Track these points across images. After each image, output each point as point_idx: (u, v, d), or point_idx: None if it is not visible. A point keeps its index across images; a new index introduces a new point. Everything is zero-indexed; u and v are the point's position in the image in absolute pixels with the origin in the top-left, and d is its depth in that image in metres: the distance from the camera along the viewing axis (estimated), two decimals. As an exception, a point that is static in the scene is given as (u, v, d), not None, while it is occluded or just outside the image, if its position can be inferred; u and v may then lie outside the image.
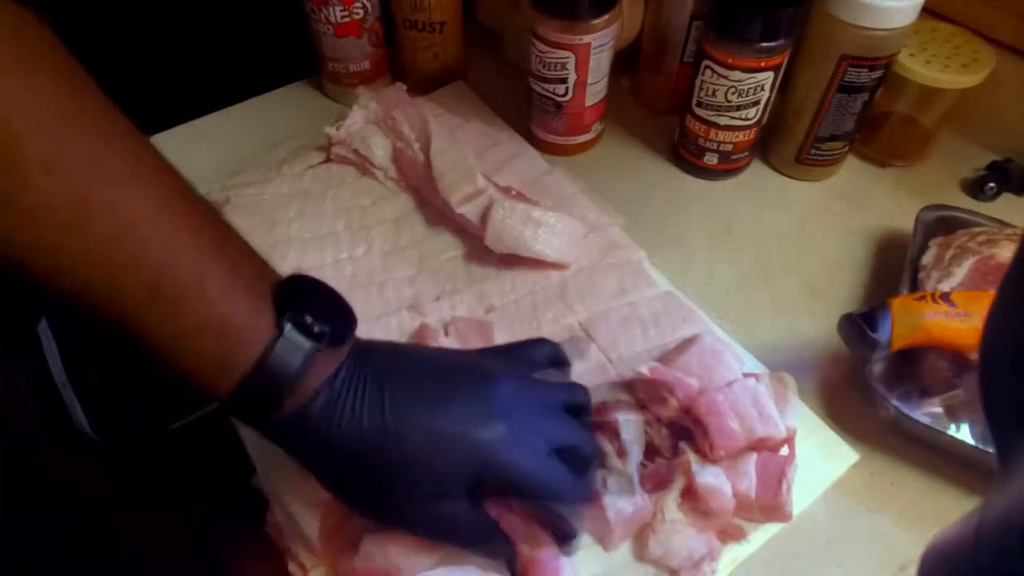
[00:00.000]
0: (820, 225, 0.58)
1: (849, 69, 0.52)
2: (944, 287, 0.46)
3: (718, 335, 0.48)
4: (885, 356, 0.43)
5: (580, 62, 0.56)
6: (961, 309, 0.40)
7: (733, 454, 0.39)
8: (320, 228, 0.54)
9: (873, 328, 0.40)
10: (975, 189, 0.59)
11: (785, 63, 0.54)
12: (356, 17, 0.62)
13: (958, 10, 0.58)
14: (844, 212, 0.59)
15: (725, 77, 0.53)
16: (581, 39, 0.54)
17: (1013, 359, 0.20)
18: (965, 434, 0.43)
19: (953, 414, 0.44)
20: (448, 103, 0.65)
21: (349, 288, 0.50)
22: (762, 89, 0.54)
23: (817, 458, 0.43)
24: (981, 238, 0.48)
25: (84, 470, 0.59)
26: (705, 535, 0.39)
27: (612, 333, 0.48)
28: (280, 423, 0.31)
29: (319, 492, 0.37)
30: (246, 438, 0.44)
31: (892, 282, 0.50)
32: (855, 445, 0.44)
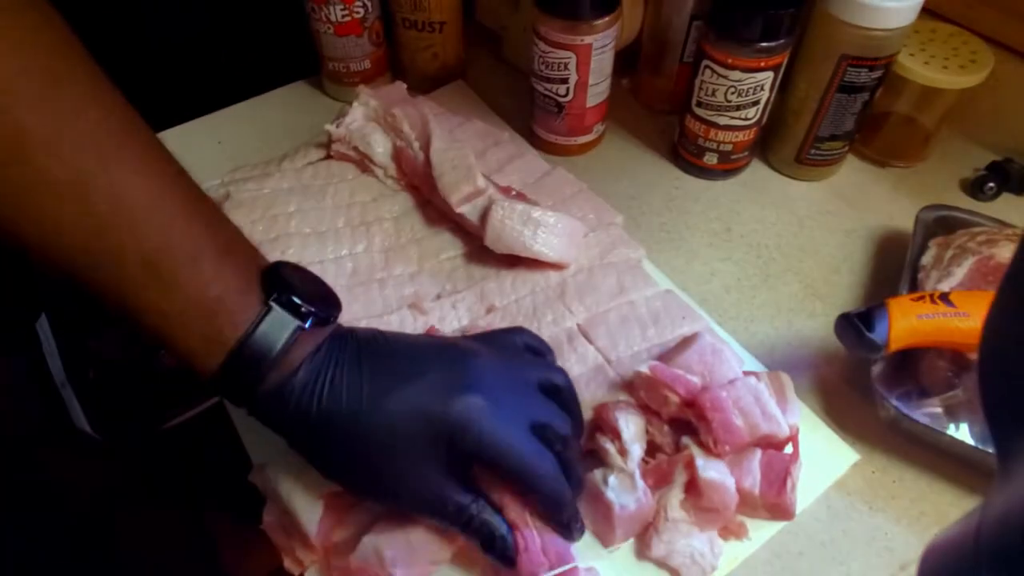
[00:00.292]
0: (820, 225, 0.58)
1: (849, 69, 0.52)
2: (944, 287, 0.46)
3: (718, 334, 0.48)
4: (884, 356, 0.43)
5: (581, 63, 0.56)
6: (960, 309, 0.40)
7: (737, 450, 0.39)
8: (320, 224, 0.54)
9: (870, 328, 0.40)
10: (975, 189, 0.59)
11: (785, 63, 0.54)
12: (356, 16, 0.62)
13: (958, 10, 0.58)
14: (844, 212, 0.59)
15: (725, 77, 0.53)
16: (583, 40, 0.54)
17: (1013, 359, 0.20)
18: (965, 434, 0.43)
19: (953, 414, 0.44)
20: (448, 102, 0.65)
21: (349, 285, 0.50)
22: (762, 89, 0.54)
23: (818, 458, 0.43)
24: (981, 238, 0.48)
25: (84, 470, 0.59)
26: (707, 533, 0.39)
27: (612, 332, 0.48)
28: (263, 398, 0.32)
29: (317, 488, 0.37)
30: (244, 436, 0.44)
31: (892, 282, 0.51)
32: (855, 445, 0.44)
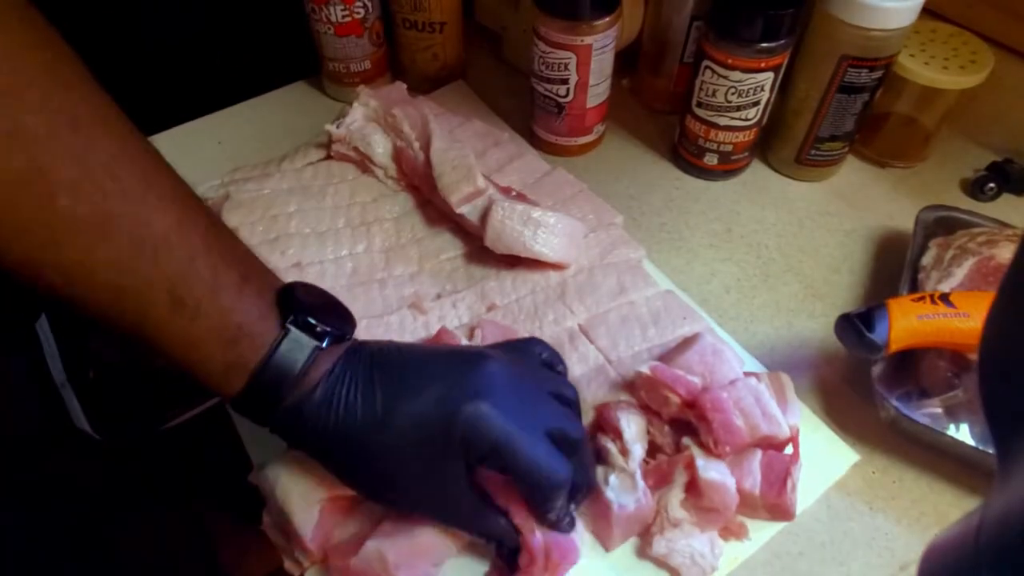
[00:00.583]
0: (820, 225, 0.58)
1: (849, 69, 0.52)
2: (944, 288, 0.46)
3: (718, 334, 0.48)
4: (884, 357, 0.43)
5: (581, 63, 0.56)
6: (961, 310, 0.40)
7: (737, 451, 0.39)
8: (320, 224, 0.54)
9: (870, 329, 0.40)
10: (975, 189, 0.59)
11: (785, 63, 0.54)
12: (357, 16, 0.62)
13: (958, 11, 0.59)
14: (844, 212, 0.59)
15: (725, 77, 0.53)
16: (583, 40, 0.54)
17: (1013, 360, 0.20)
18: (965, 434, 0.43)
19: (953, 414, 0.44)
20: (448, 103, 0.65)
21: (350, 285, 0.50)
22: (762, 89, 0.54)
23: (818, 458, 0.43)
24: (981, 239, 0.48)
25: (84, 470, 0.59)
26: (708, 534, 0.39)
27: (612, 333, 0.48)
28: (283, 417, 0.33)
29: (314, 493, 0.37)
30: (244, 436, 0.44)
31: (892, 282, 0.51)
32: (855, 445, 0.44)
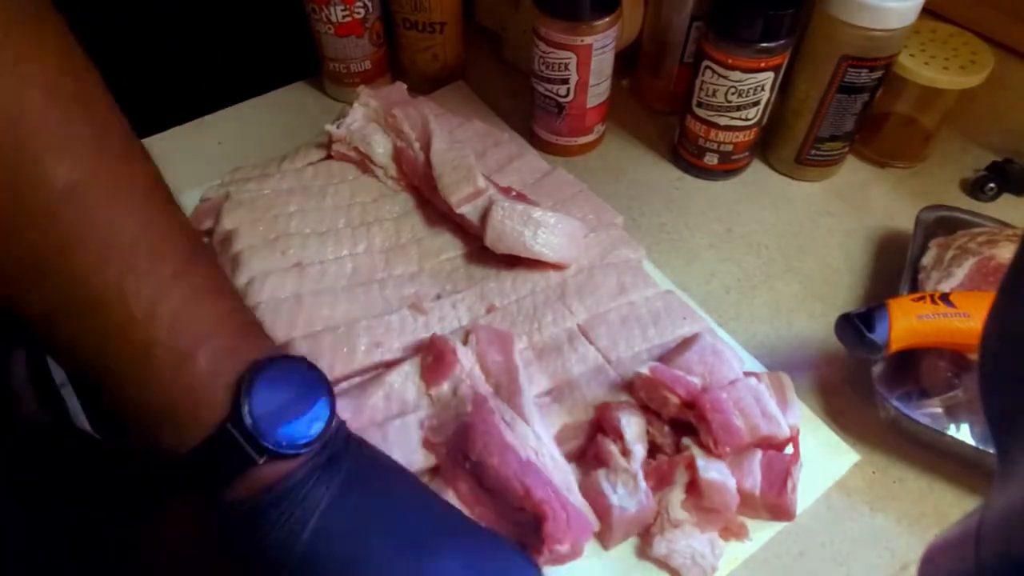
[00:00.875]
0: (820, 225, 0.58)
1: (849, 70, 0.52)
2: (944, 288, 0.46)
3: (718, 335, 0.48)
4: (884, 357, 0.43)
5: (581, 63, 0.56)
6: (961, 310, 0.40)
7: (737, 451, 0.39)
8: (320, 224, 0.54)
9: (870, 329, 0.40)
10: (975, 190, 0.59)
11: (785, 63, 0.54)
12: (357, 17, 0.62)
13: (958, 11, 0.59)
14: (844, 212, 0.59)
15: (725, 77, 0.53)
16: (583, 40, 0.54)
17: (1013, 360, 0.20)
18: (965, 434, 0.43)
19: (953, 414, 0.44)
20: (448, 103, 0.65)
21: (350, 285, 0.50)
22: (762, 89, 0.54)
23: (818, 458, 0.43)
24: (981, 239, 0.49)
25: (84, 470, 0.59)
26: (708, 534, 0.39)
27: (612, 333, 0.48)
28: (222, 507, 0.29)
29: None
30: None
31: (892, 283, 0.51)
32: (856, 445, 0.44)
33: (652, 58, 0.65)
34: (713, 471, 0.38)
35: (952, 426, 0.43)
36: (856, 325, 0.41)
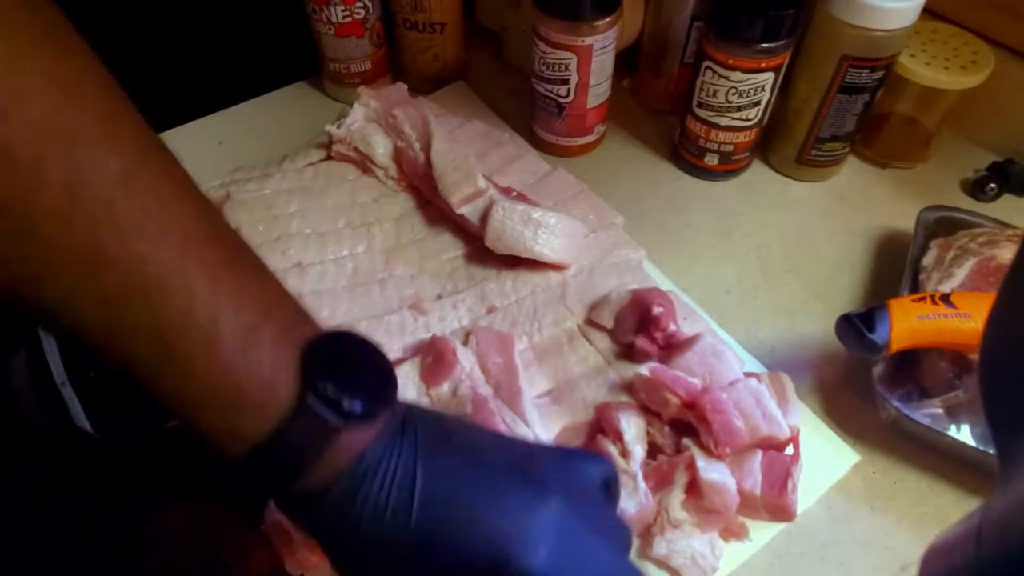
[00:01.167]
0: (820, 226, 0.58)
1: (850, 70, 0.52)
2: (945, 288, 0.46)
3: (718, 335, 0.48)
4: (885, 357, 0.43)
5: (582, 64, 0.56)
6: (961, 310, 0.40)
7: (737, 452, 0.39)
8: (321, 225, 0.54)
9: (871, 329, 0.40)
10: (976, 190, 0.59)
11: (786, 64, 0.54)
12: (357, 17, 0.62)
13: (958, 11, 0.58)
14: (845, 213, 0.59)
15: (726, 78, 0.53)
16: (583, 40, 0.54)
17: (1014, 360, 0.20)
18: (966, 435, 0.43)
19: (953, 415, 0.44)
20: (449, 103, 0.65)
21: (350, 285, 0.50)
22: (763, 90, 0.54)
23: (818, 459, 0.43)
24: (982, 239, 0.48)
25: (84, 470, 0.59)
26: (708, 534, 0.39)
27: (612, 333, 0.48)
28: (292, 501, 0.28)
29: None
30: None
31: (893, 283, 0.51)
32: (856, 446, 0.44)
33: (652, 58, 0.65)
34: (713, 472, 0.38)
35: (952, 426, 0.43)
36: (856, 325, 0.41)
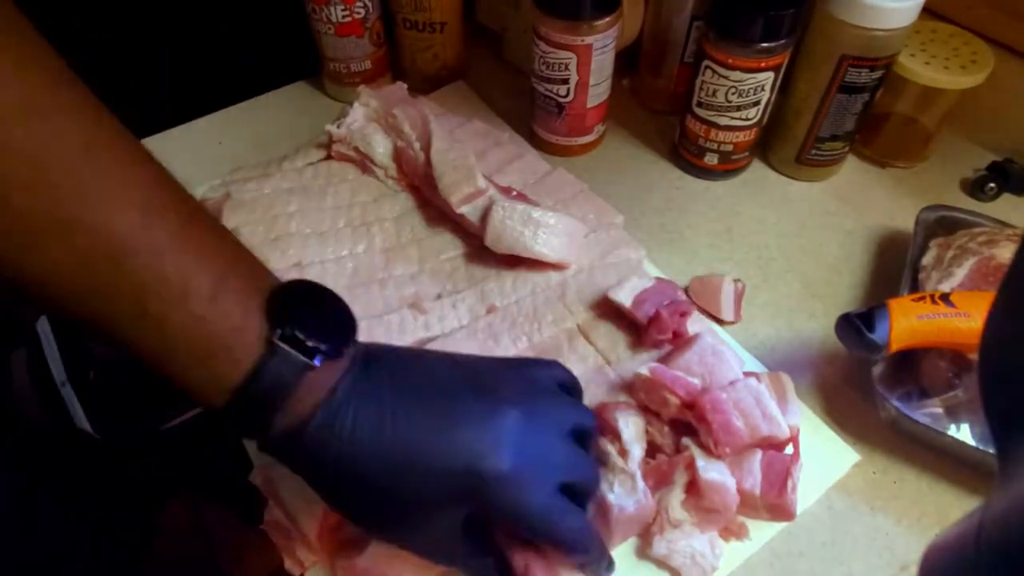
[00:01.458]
0: (820, 225, 0.58)
1: (849, 69, 0.52)
2: (944, 288, 0.46)
3: (718, 335, 0.48)
4: (885, 357, 0.43)
5: (582, 63, 0.56)
6: (961, 310, 0.40)
7: (737, 451, 0.39)
8: (320, 224, 0.54)
9: (871, 329, 0.40)
10: (975, 189, 0.59)
11: (785, 63, 0.54)
12: (357, 17, 0.62)
13: (958, 11, 0.58)
14: (844, 212, 0.59)
15: (725, 77, 0.53)
16: (583, 40, 0.54)
17: (1013, 360, 0.20)
18: (966, 435, 0.43)
19: (953, 414, 0.44)
20: (449, 103, 0.65)
21: (350, 285, 0.50)
22: (762, 89, 0.54)
23: (818, 458, 0.43)
24: (981, 239, 0.48)
25: (84, 470, 0.59)
26: (708, 534, 0.39)
27: (612, 333, 0.48)
28: (276, 438, 0.31)
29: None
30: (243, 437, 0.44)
31: (892, 283, 0.51)
32: (856, 445, 0.44)
33: (652, 58, 0.65)
34: (713, 471, 0.38)
35: (952, 426, 0.43)
36: (856, 325, 0.41)
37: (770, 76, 0.53)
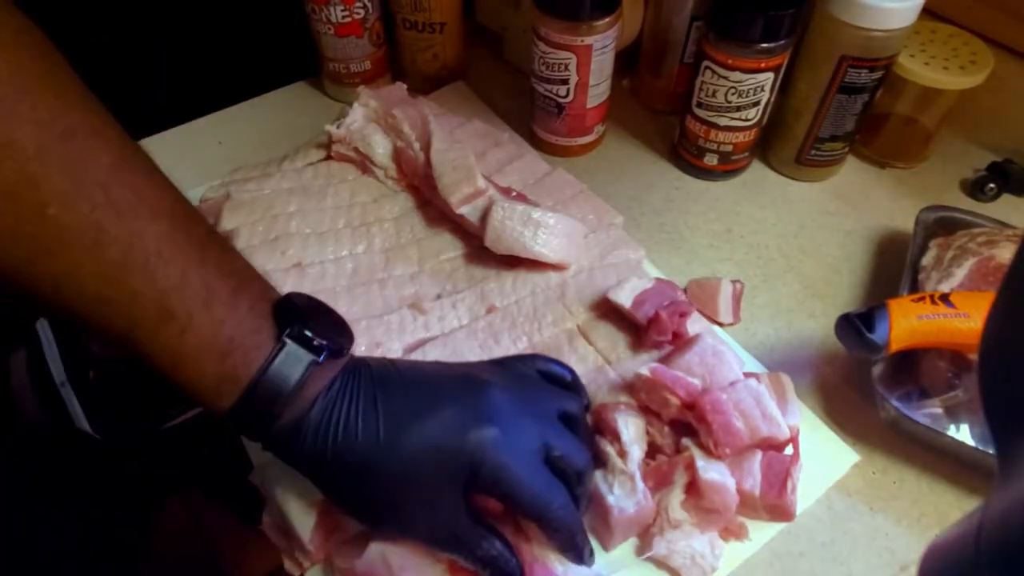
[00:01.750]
0: (820, 226, 0.58)
1: (849, 70, 0.52)
2: (944, 288, 0.46)
3: (718, 335, 0.48)
4: (884, 357, 0.43)
5: (581, 64, 0.56)
6: (961, 310, 0.40)
7: (737, 452, 0.39)
8: (320, 224, 0.54)
9: (871, 329, 0.40)
10: (975, 190, 0.59)
11: (785, 64, 0.54)
12: (357, 17, 0.62)
13: (958, 11, 0.59)
14: (844, 213, 0.59)
15: (725, 78, 0.53)
16: (583, 40, 0.54)
17: (1013, 360, 0.20)
18: (965, 435, 0.43)
19: (953, 414, 0.44)
20: (448, 103, 0.65)
21: (350, 285, 0.50)
22: (762, 90, 0.54)
23: (818, 458, 0.43)
24: (981, 239, 0.48)
25: (84, 470, 0.59)
26: (708, 534, 0.39)
27: (612, 333, 0.48)
28: (278, 435, 0.32)
29: (312, 494, 0.37)
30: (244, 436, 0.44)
31: (892, 283, 0.51)
32: (856, 446, 0.44)
33: (652, 58, 0.65)
34: (713, 472, 0.38)
35: (952, 426, 0.43)
36: (856, 325, 0.41)
37: (770, 76, 0.53)
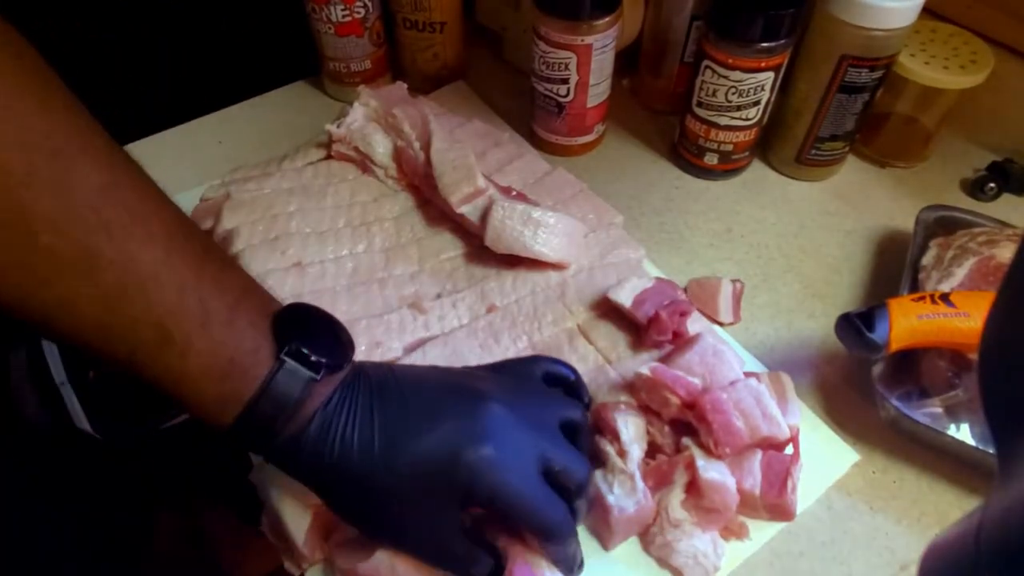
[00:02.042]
0: (820, 225, 0.58)
1: (849, 69, 0.52)
2: (944, 287, 0.46)
3: (718, 335, 0.48)
4: (885, 356, 0.43)
5: (582, 63, 0.56)
6: (961, 309, 0.40)
7: (737, 452, 0.39)
8: (320, 224, 0.54)
9: (871, 328, 0.40)
10: (975, 189, 0.59)
11: (785, 63, 0.54)
12: (357, 16, 0.62)
13: (958, 11, 0.59)
14: (844, 212, 0.59)
15: (725, 77, 0.53)
16: (583, 40, 0.54)
17: (1013, 360, 0.20)
18: (965, 434, 0.43)
19: (953, 414, 0.44)
20: (448, 103, 0.65)
21: (350, 284, 0.50)
22: (762, 89, 0.54)
23: (818, 458, 0.43)
24: (981, 239, 0.48)
25: (84, 470, 0.59)
26: (708, 534, 0.39)
27: (612, 333, 0.48)
28: (279, 449, 0.32)
29: (310, 494, 0.37)
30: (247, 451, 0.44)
31: (892, 282, 0.51)
32: (856, 445, 0.44)
33: (652, 58, 0.65)
34: (713, 471, 0.38)
35: (952, 426, 0.43)
36: (856, 325, 0.41)
37: (770, 76, 0.53)
